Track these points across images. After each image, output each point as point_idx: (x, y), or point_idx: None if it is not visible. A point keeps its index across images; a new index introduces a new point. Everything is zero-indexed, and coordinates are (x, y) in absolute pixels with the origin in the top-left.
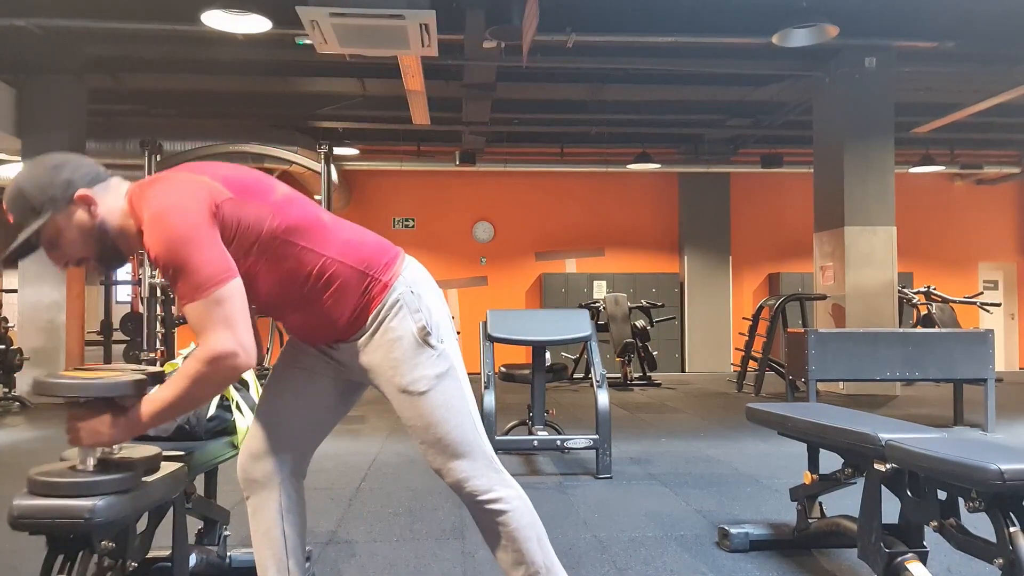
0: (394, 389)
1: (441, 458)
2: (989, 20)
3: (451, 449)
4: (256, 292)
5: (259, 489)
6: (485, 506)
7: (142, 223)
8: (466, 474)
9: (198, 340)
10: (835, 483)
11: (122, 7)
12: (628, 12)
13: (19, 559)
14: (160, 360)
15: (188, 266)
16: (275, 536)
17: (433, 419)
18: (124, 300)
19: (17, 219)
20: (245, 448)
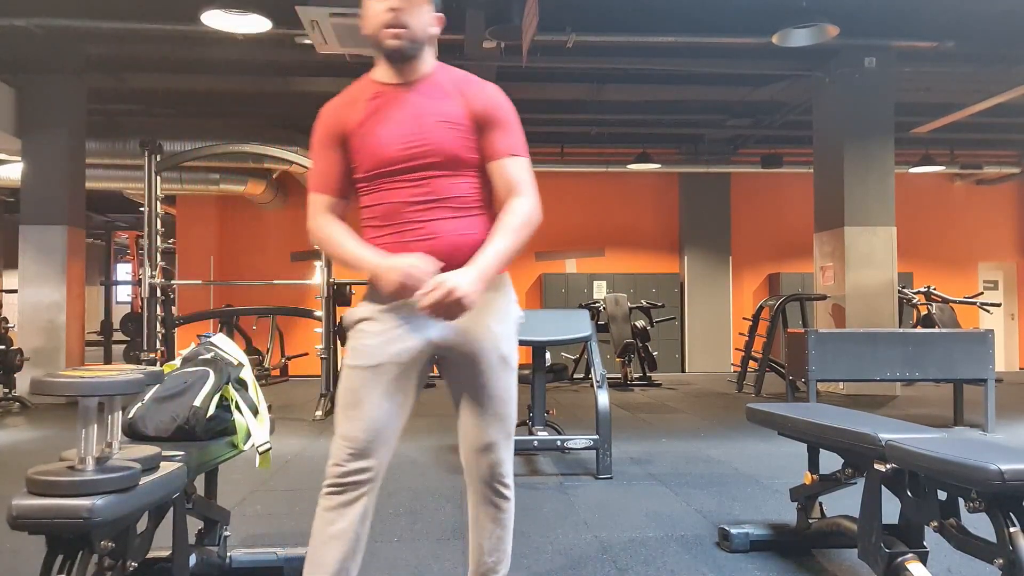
0: (496, 355)
1: (502, 434)
2: (989, 20)
3: (508, 428)
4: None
5: (352, 489)
6: (504, 490)
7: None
8: (507, 455)
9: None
10: (835, 483)
11: (122, 7)
12: (628, 12)
13: (19, 559)
14: (160, 360)
15: (521, 132)
16: (350, 538)
17: (511, 395)
18: (124, 300)
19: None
20: (346, 444)
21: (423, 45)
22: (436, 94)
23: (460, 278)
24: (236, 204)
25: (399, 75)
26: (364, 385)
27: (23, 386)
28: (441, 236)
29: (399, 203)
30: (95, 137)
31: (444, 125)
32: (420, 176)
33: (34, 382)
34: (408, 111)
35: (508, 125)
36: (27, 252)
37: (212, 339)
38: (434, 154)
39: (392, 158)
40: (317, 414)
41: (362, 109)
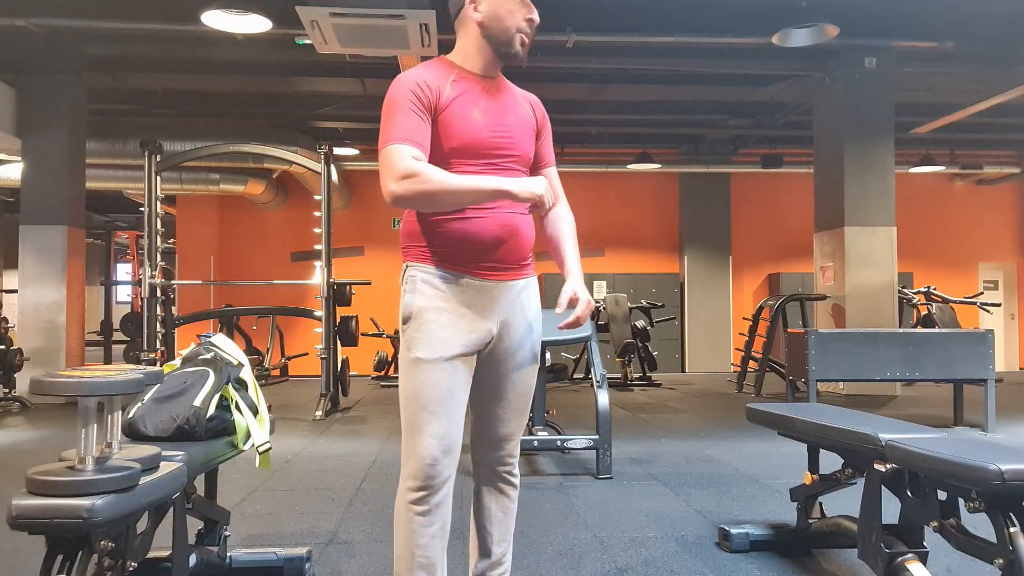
0: (532, 352)
1: (520, 427)
2: (989, 20)
3: (524, 421)
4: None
5: (443, 485)
6: (512, 480)
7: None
8: (518, 451)
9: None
10: (835, 483)
11: (122, 7)
12: (628, 12)
13: (19, 559)
14: (160, 360)
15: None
16: (446, 532)
17: (532, 390)
18: (124, 300)
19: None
20: (436, 441)
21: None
22: (513, 97)
23: (585, 293)
24: (236, 204)
25: (486, 70)
26: (447, 378)
27: (23, 386)
28: (514, 229)
29: None
30: (95, 137)
31: (524, 127)
32: (498, 166)
33: (34, 382)
34: (497, 104)
35: (551, 136)
36: (27, 252)
37: (212, 339)
38: (516, 148)
39: (482, 142)
40: (317, 414)
41: (453, 87)
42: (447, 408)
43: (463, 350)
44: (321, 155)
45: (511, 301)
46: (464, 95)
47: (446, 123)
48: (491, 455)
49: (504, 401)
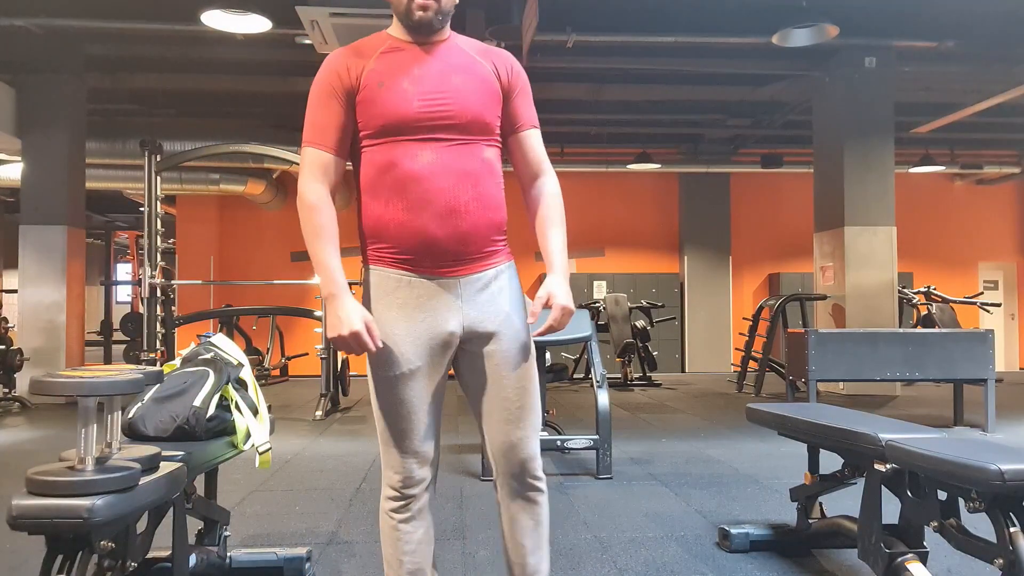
0: (517, 344)
1: (530, 427)
2: (989, 20)
3: (535, 420)
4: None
5: (422, 493)
6: (537, 485)
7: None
8: (537, 448)
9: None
10: (835, 483)
11: (122, 7)
12: (628, 12)
13: (18, 559)
14: (160, 360)
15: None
16: (431, 536)
17: (534, 385)
18: (124, 300)
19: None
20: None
21: (448, 16)
22: (461, 56)
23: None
24: (236, 204)
25: (419, 38)
26: (409, 392)
27: (23, 386)
28: (463, 214)
29: (417, 171)
30: (95, 137)
31: (473, 86)
32: (442, 140)
33: (34, 382)
34: (431, 68)
35: (529, 94)
36: (27, 252)
37: (212, 339)
38: (459, 115)
39: (411, 116)
40: (317, 414)
41: (376, 61)
42: (414, 422)
43: (423, 361)
44: None
45: (480, 294)
46: (391, 65)
47: (370, 101)
48: (509, 464)
49: (505, 400)
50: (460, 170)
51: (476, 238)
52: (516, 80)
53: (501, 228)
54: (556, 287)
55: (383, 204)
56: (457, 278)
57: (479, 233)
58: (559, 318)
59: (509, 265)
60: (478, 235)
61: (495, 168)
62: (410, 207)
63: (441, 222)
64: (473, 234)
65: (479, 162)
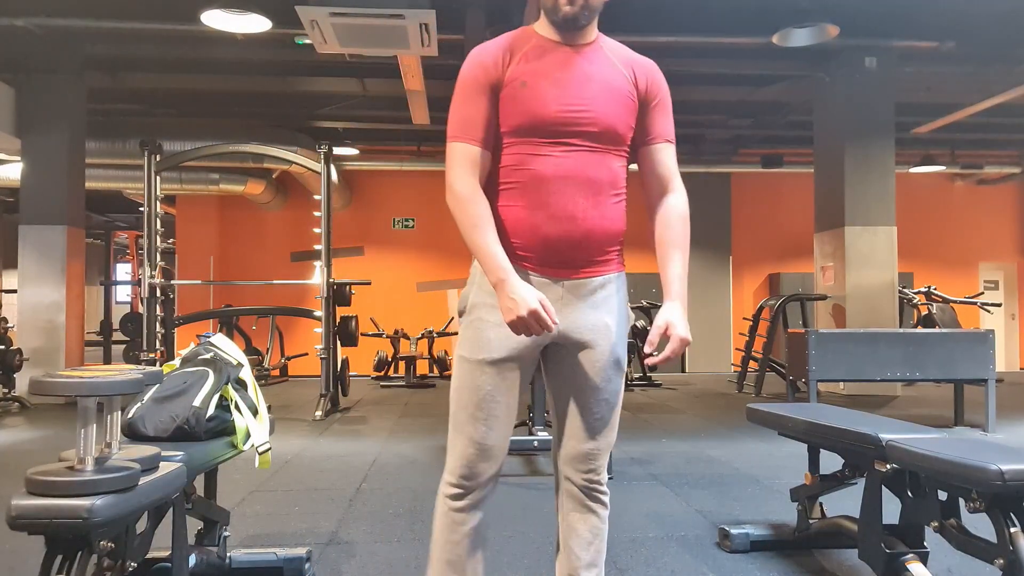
0: (612, 356)
1: (605, 441)
2: (989, 20)
3: (611, 436)
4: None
5: (479, 487)
6: (601, 498)
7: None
8: (605, 465)
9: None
10: (836, 483)
11: (122, 7)
12: (628, 12)
13: (18, 559)
14: (160, 360)
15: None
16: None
17: (619, 401)
18: (124, 300)
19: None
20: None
21: (596, 13)
22: (603, 62)
23: (683, 326)
24: (236, 204)
25: (565, 37)
26: (490, 382)
27: (23, 386)
28: (578, 222)
29: (542, 172)
30: (95, 137)
31: (610, 95)
32: (570, 145)
33: (33, 382)
34: (573, 73)
35: (669, 107)
36: (27, 252)
37: (211, 339)
38: (594, 124)
39: (550, 120)
40: (317, 414)
41: (521, 59)
42: (486, 412)
43: (510, 353)
44: (321, 155)
45: (580, 301)
46: (536, 65)
47: (511, 99)
48: (577, 473)
49: (587, 411)
50: (584, 177)
51: (588, 245)
52: (656, 92)
53: (617, 238)
54: (675, 316)
55: (504, 199)
56: (562, 280)
57: (592, 240)
58: (677, 349)
59: (619, 276)
60: (591, 242)
61: (620, 178)
62: (529, 205)
63: (555, 224)
64: (586, 241)
65: (605, 171)
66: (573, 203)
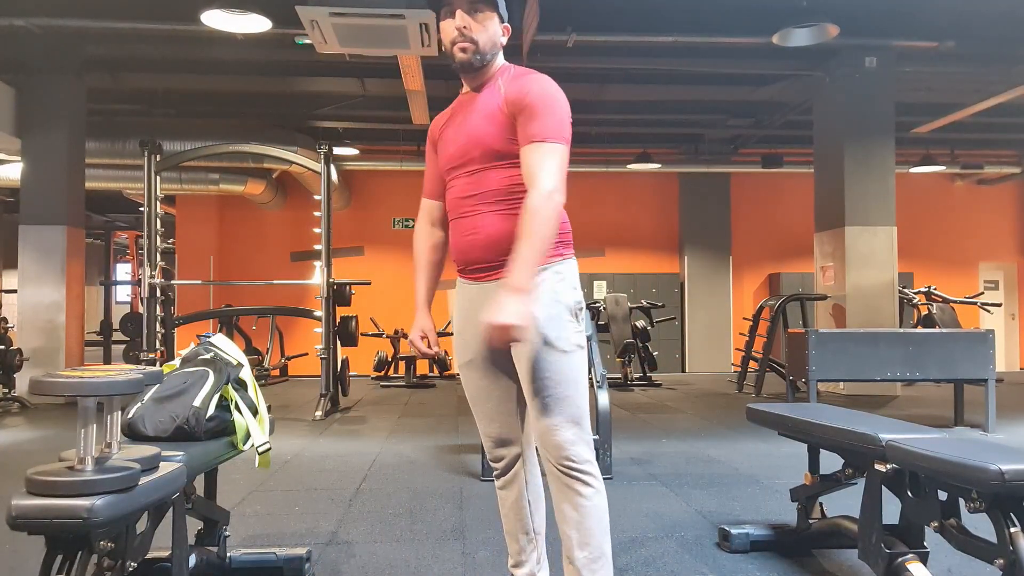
0: (539, 338)
1: (560, 417)
2: (989, 20)
3: (568, 411)
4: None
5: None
6: (580, 475)
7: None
8: (575, 437)
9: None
10: (836, 483)
11: (122, 7)
12: (628, 12)
13: (18, 559)
14: (160, 360)
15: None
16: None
17: (564, 376)
18: (124, 300)
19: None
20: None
21: (488, 56)
22: (492, 93)
23: (494, 312)
24: (236, 204)
25: (472, 82)
26: (471, 382)
27: (23, 386)
28: (480, 231)
29: (456, 198)
30: (95, 137)
31: (485, 119)
32: (469, 171)
33: (33, 382)
34: (468, 112)
35: (536, 111)
36: (27, 252)
37: (211, 339)
38: (476, 147)
39: (451, 156)
40: (317, 414)
41: (447, 116)
42: (481, 408)
43: (474, 354)
44: (321, 155)
45: None
46: (452, 118)
47: (439, 152)
48: (544, 450)
49: (532, 390)
50: (480, 192)
51: (495, 249)
52: (521, 101)
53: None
54: (495, 304)
55: (450, 228)
56: (490, 283)
57: (497, 245)
58: (485, 336)
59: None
60: (497, 247)
61: (515, 187)
62: (453, 227)
63: (465, 237)
64: (491, 245)
65: (498, 182)
66: (477, 217)
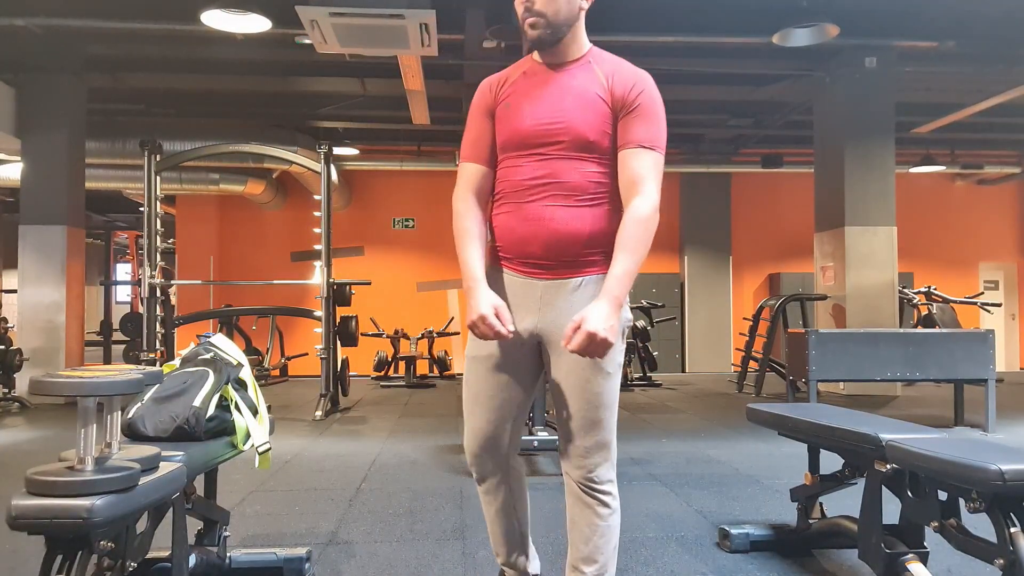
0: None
1: (591, 440)
2: (989, 20)
3: (599, 435)
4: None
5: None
6: (600, 496)
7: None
8: (601, 459)
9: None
10: (836, 483)
11: (122, 7)
12: (628, 12)
13: (19, 559)
14: (160, 360)
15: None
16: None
17: (602, 401)
18: (124, 300)
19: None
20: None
21: (564, 28)
22: (583, 76)
23: (596, 320)
24: (236, 204)
25: (551, 57)
26: (480, 376)
27: (23, 386)
28: (542, 222)
29: (519, 180)
30: (95, 137)
31: (581, 105)
32: (544, 155)
33: (33, 382)
34: (551, 89)
35: (649, 114)
36: (27, 252)
37: (211, 339)
38: (564, 133)
39: (525, 133)
40: (317, 414)
41: (512, 83)
42: (481, 404)
43: (496, 350)
44: (321, 155)
45: (560, 300)
46: (519, 87)
47: (499, 120)
48: (572, 467)
49: (567, 407)
50: (557, 182)
51: (559, 246)
52: (632, 99)
53: (593, 241)
54: (593, 312)
55: (496, 207)
56: (540, 281)
57: (562, 242)
58: (581, 343)
59: (599, 279)
60: (561, 244)
61: (597, 183)
62: (509, 210)
63: (527, 226)
64: (556, 242)
65: (579, 176)
66: (543, 206)
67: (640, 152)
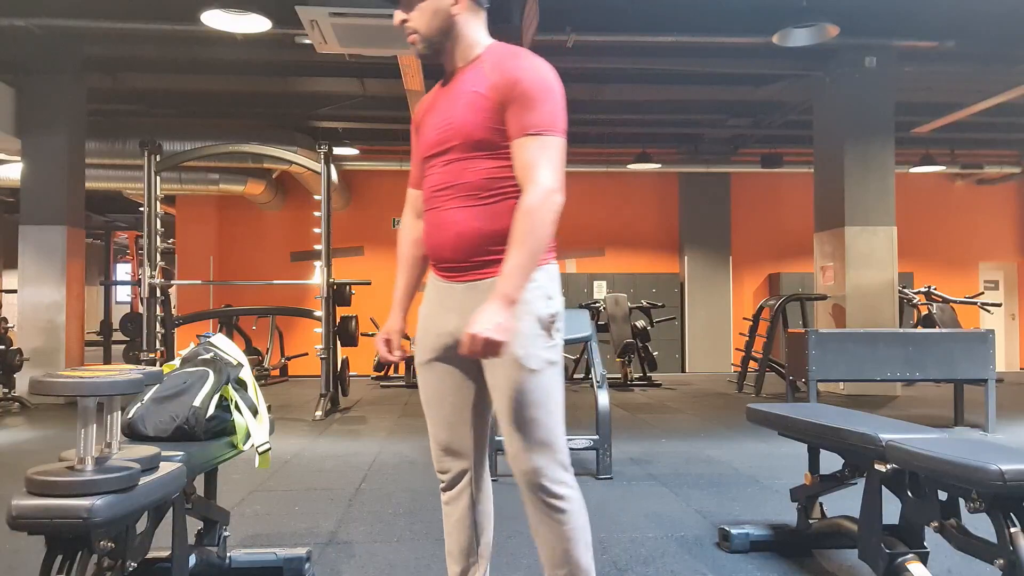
0: (508, 356)
1: (528, 441)
2: (989, 20)
3: (536, 434)
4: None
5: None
6: (551, 499)
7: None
8: (545, 462)
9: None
10: (836, 484)
11: (122, 7)
12: (628, 12)
13: (18, 559)
14: (160, 360)
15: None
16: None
17: (534, 398)
18: (124, 300)
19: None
20: (433, 443)
21: (440, 37)
22: (471, 77)
23: (479, 322)
24: (236, 204)
25: (448, 65)
26: (427, 382)
27: (23, 386)
28: (447, 227)
29: (430, 189)
30: (95, 137)
31: (466, 106)
32: (444, 161)
33: (33, 382)
34: (447, 97)
35: (531, 99)
36: (27, 252)
37: (211, 339)
38: (455, 136)
39: (427, 145)
40: (317, 414)
41: (427, 99)
42: (433, 411)
43: (433, 354)
44: (320, 155)
45: (476, 303)
46: (429, 102)
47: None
48: (516, 470)
49: (500, 410)
50: (456, 185)
51: (465, 247)
52: (512, 85)
53: (495, 238)
54: (478, 313)
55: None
56: (458, 284)
57: (467, 242)
58: (465, 345)
59: None
60: (467, 244)
61: (496, 179)
62: (427, 219)
63: (440, 232)
64: (460, 243)
65: (475, 175)
66: (447, 210)
67: (527, 140)
